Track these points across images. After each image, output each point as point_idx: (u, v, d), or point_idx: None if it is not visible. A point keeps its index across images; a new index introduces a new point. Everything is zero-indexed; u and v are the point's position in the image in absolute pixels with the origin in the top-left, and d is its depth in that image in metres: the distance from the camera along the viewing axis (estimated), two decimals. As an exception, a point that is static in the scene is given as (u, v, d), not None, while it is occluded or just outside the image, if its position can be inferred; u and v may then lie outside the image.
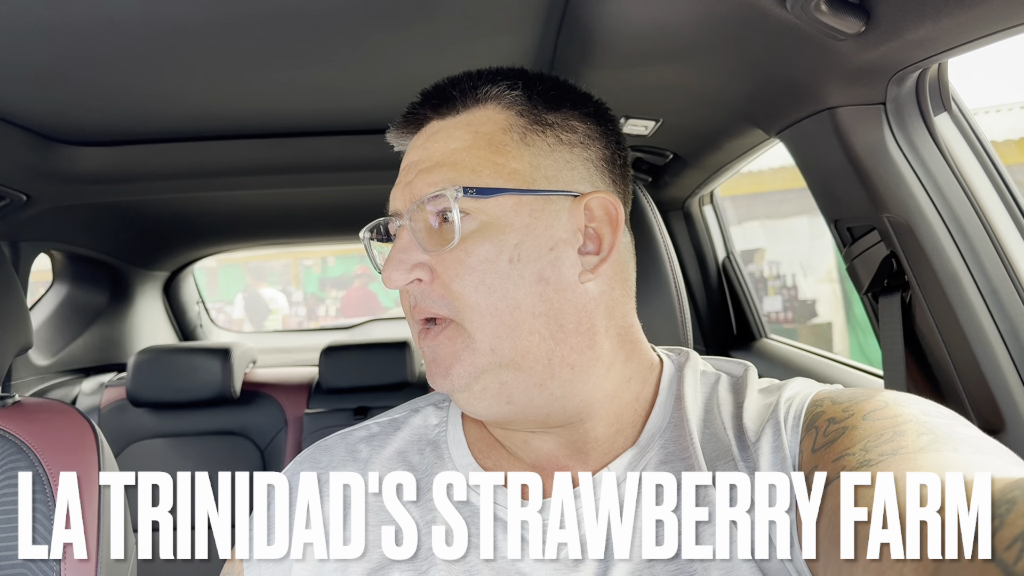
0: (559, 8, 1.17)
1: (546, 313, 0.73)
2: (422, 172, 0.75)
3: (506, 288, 0.72)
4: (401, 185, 0.78)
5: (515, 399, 0.73)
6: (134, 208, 2.42)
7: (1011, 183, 1.16)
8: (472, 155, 0.75)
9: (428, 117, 0.80)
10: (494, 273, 0.72)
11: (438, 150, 0.76)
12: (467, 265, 0.72)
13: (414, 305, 0.75)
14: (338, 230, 3.18)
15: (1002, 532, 0.39)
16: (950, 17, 0.85)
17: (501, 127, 0.76)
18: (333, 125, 1.85)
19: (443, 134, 0.77)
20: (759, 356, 2.28)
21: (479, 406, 0.74)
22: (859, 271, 1.31)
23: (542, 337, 0.73)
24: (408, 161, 0.79)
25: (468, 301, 0.72)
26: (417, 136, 0.80)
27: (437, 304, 0.73)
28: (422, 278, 0.73)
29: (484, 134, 0.76)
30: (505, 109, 0.78)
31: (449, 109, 0.79)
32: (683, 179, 2.15)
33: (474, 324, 0.72)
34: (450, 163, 0.74)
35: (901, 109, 1.13)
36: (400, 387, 2.68)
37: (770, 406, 0.75)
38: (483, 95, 0.78)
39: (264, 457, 2.62)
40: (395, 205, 0.78)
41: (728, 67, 1.26)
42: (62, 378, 2.73)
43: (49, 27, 1.14)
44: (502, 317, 0.72)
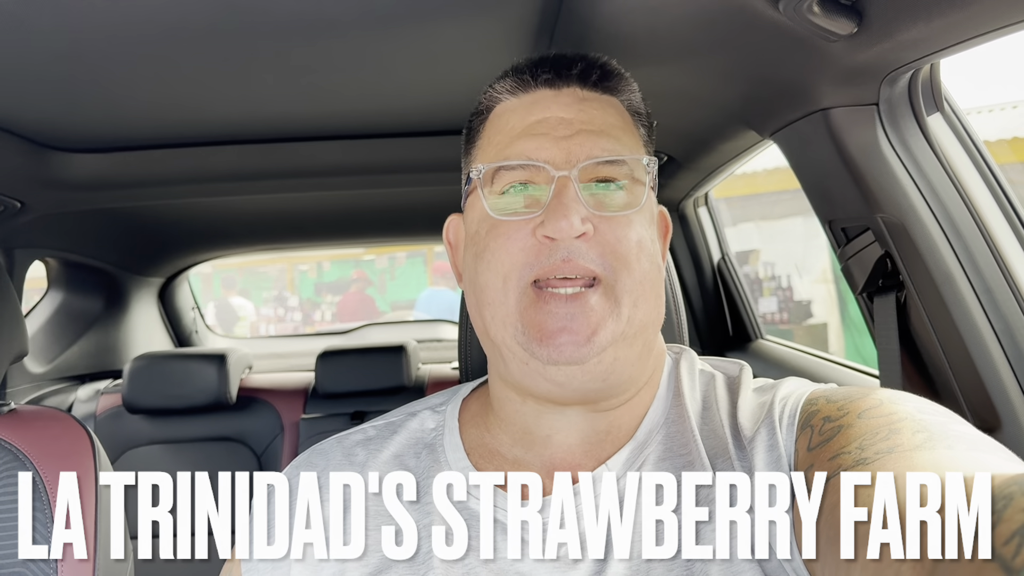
0: (552, 13, 1.17)
1: (658, 295, 0.77)
2: (588, 133, 0.76)
3: (651, 260, 0.76)
4: (551, 138, 0.76)
5: (612, 377, 0.73)
6: (129, 214, 2.41)
7: (1004, 182, 1.16)
8: (627, 135, 0.79)
9: (572, 81, 0.81)
10: (646, 243, 0.76)
11: (598, 117, 0.78)
12: (630, 230, 0.74)
13: (566, 259, 0.72)
14: (334, 235, 3.18)
15: (1000, 528, 0.39)
16: (941, 18, 0.85)
17: (631, 122, 0.82)
18: (327, 130, 1.85)
19: (595, 104, 0.80)
20: (755, 357, 2.28)
21: (580, 379, 0.72)
22: (854, 271, 1.32)
23: (651, 317, 0.76)
24: (551, 115, 0.78)
25: (627, 262, 0.73)
26: (558, 94, 0.80)
27: (595, 261, 0.73)
28: (587, 232, 0.73)
29: (627, 121, 0.81)
30: (628, 110, 0.83)
31: (598, 83, 0.81)
32: (678, 181, 2.15)
33: (624, 287, 0.73)
34: (613, 136, 0.77)
35: (894, 109, 1.13)
36: (397, 391, 2.67)
37: (764, 405, 0.75)
38: (624, 87, 0.83)
39: (261, 463, 2.62)
40: (543, 155, 0.75)
41: (721, 69, 1.26)
42: (58, 385, 2.73)
43: (43, 33, 1.14)
44: (643, 288, 0.74)
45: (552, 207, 0.72)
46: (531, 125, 0.78)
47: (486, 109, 0.84)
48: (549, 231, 0.71)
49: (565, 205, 0.71)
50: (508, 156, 0.77)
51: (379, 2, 1.11)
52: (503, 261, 0.74)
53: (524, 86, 0.81)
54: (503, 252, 0.74)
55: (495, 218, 0.76)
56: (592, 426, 0.78)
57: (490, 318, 0.76)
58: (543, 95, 0.80)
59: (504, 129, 0.80)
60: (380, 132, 1.88)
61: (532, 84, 0.81)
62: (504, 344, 0.75)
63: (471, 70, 1.41)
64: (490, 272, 0.75)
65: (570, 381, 0.72)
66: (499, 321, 0.75)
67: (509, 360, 0.75)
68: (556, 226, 0.71)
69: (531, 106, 0.79)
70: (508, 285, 0.74)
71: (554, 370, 0.71)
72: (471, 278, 0.79)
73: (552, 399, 0.75)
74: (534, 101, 0.80)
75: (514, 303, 0.73)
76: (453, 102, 1.61)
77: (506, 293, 0.74)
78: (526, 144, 0.76)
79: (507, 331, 0.74)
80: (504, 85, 0.82)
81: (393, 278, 11.57)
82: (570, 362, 0.71)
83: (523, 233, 0.74)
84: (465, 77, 1.44)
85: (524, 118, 0.79)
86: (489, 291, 0.75)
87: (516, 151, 0.76)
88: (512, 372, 0.75)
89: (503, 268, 0.74)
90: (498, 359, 0.78)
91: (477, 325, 0.80)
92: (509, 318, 0.74)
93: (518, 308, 0.73)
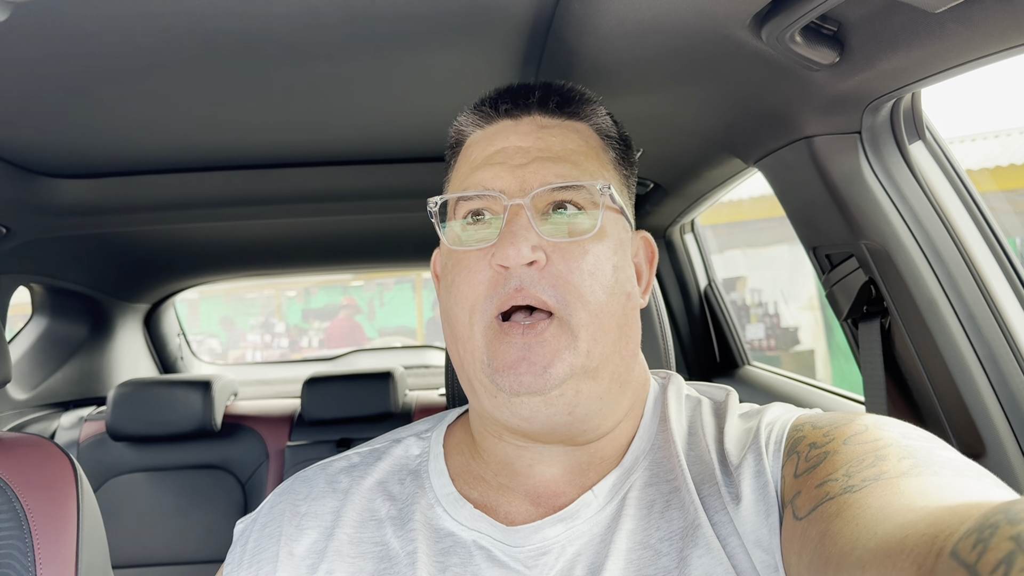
0: (539, 43, 1.19)
1: (621, 326, 0.76)
2: (543, 160, 0.76)
3: (609, 291, 0.74)
4: (507, 166, 0.77)
5: (578, 410, 0.73)
6: (115, 240, 2.41)
7: (985, 209, 1.17)
8: (589, 161, 0.79)
9: (532, 109, 0.81)
10: (603, 273, 0.74)
11: (556, 144, 0.78)
12: (584, 260, 0.74)
13: (519, 288, 0.72)
14: (322, 261, 3.17)
15: (986, 557, 0.39)
16: (921, 48, 0.87)
17: (601, 146, 0.82)
18: (313, 156, 1.85)
19: (555, 131, 0.80)
20: (742, 383, 2.29)
21: (544, 412, 0.71)
22: (838, 298, 1.33)
23: (616, 348, 0.75)
24: (510, 144, 0.79)
25: (581, 294, 0.72)
26: (518, 123, 0.81)
27: (547, 292, 0.72)
28: (538, 260, 0.73)
29: (593, 147, 0.81)
30: (597, 133, 0.83)
31: (559, 110, 0.81)
32: (664, 208, 2.16)
33: (579, 321, 0.72)
34: (571, 161, 0.77)
35: (876, 138, 1.15)
36: (383, 418, 2.66)
37: (751, 431, 0.75)
38: (589, 111, 0.83)
39: (245, 491, 2.59)
40: (498, 184, 0.76)
41: (706, 97, 1.28)
42: (41, 412, 2.70)
43: (29, 60, 1.14)
44: (601, 320, 0.73)
45: (503, 235, 0.72)
46: (490, 155, 0.79)
47: (456, 142, 0.86)
48: (499, 259, 0.72)
49: (514, 232, 0.72)
50: (467, 187, 0.78)
51: (366, 30, 1.12)
52: (466, 294, 0.75)
53: (487, 118, 0.82)
54: (466, 285, 0.75)
55: (455, 250, 0.77)
56: (573, 458, 0.77)
57: (462, 352, 0.76)
58: (504, 126, 0.81)
59: (468, 160, 0.81)
60: (367, 159, 1.89)
61: (494, 115, 0.82)
62: (475, 377, 0.75)
63: (458, 98, 1.42)
64: (457, 307, 0.76)
65: (535, 415, 0.71)
66: (469, 354, 0.75)
67: (480, 393, 0.75)
68: (504, 253, 0.71)
69: (492, 137, 0.81)
70: (474, 319, 0.74)
71: (517, 402, 0.71)
72: (445, 311, 0.80)
73: (524, 434, 0.75)
74: (496, 132, 0.81)
75: (480, 336, 0.74)
76: (440, 129, 1.61)
77: (472, 327, 0.74)
78: (483, 174, 0.77)
79: (476, 364, 0.74)
80: (470, 118, 0.84)
81: (382, 304, 11.55)
82: (530, 392, 0.70)
83: (482, 264, 0.74)
84: (452, 105, 1.45)
85: (485, 149, 0.80)
86: (459, 326, 0.76)
87: (473, 182, 0.77)
88: (484, 405, 0.75)
89: (467, 302, 0.75)
90: (472, 392, 0.78)
91: (453, 358, 0.80)
92: (477, 351, 0.74)
93: (484, 340, 0.73)
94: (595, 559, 0.71)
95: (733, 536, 0.68)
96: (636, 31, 1.04)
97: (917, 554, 0.46)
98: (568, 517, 0.73)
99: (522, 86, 0.83)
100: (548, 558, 0.71)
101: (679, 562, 0.68)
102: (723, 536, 0.69)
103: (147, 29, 1.06)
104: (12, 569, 1.06)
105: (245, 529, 0.82)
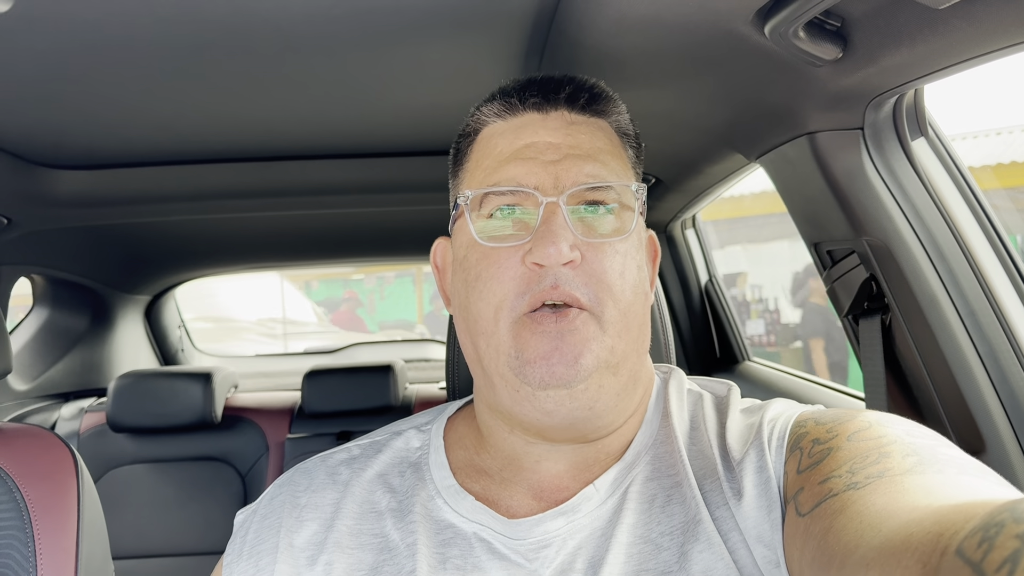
0: (542, 34, 1.18)
1: (641, 324, 0.77)
2: (575, 158, 0.76)
3: (634, 290, 0.75)
4: (540, 162, 0.76)
5: (598, 405, 0.73)
6: (117, 232, 2.41)
7: (987, 206, 1.17)
8: (615, 160, 0.79)
9: (560, 104, 0.80)
10: (630, 273, 0.75)
11: (585, 142, 0.78)
12: (615, 259, 0.74)
13: (554, 285, 0.71)
14: (322, 254, 3.17)
15: (992, 555, 0.39)
16: (924, 44, 0.87)
17: (621, 145, 0.82)
18: (316, 149, 1.85)
19: (583, 128, 0.79)
20: (742, 379, 2.29)
21: (568, 406, 0.71)
22: (839, 294, 1.33)
23: (634, 347, 0.76)
24: (539, 139, 0.78)
25: (613, 292, 0.73)
26: (546, 118, 0.80)
27: (580, 289, 0.72)
28: (575, 259, 0.73)
29: (615, 146, 0.81)
30: (617, 132, 0.83)
31: (587, 106, 0.81)
32: (665, 203, 2.16)
33: (609, 317, 0.72)
34: (600, 160, 0.77)
35: (879, 134, 1.15)
36: (384, 411, 2.66)
37: (753, 426, 0.75)
38: (612, 110, 0.82)
39: (245, 483, 2.59)
40: (532, 180, 0.75)
41: (708, 92, 1.27)
42: (41, 403, 2.70)
43: (32, 51, 1.14)
44: (628, 318, 0.74)
45: (540, 234, 0.72)
46: (519, 149, 0.77)
47: (473, 131, 0.84)
48: (538, 258, 0.71)
49: (554, 232, 0.71)
50: (497, 181, 0.76)
51: (368, 23, 1.12)
52: (495, 291, 0.74)
53: (512, 109, 0.81)
54: (495, 282, 0.74)
55: (484, 245, 0.75)
56: (581, 455, 0.78)
57: (484, 347, 0.75)
58: (531, 119, 0.80)
59: (492, 153, 0.79)
60: (370, 151, 1.89)
61: (520, 107, 0.80)
62: (496, 372, 0.74)
63: (462, 90, 1.42)
64: (482, 302, 0.74)
65: (558, 408, 0.71)
66: (492, 350, 0.74)
67: (500, 388, 0.74)
68: (544, 252, 0.71)
69: (519, 130, 0.79)
70: (500, 315, 0.73)
71: (543, 396, 0.71)
72: (462, 305, 0.78)
73: (540, 429, 0.75)
74: (522, 125, 0.79)
75: (506, 331, 0.73)
76: (443, 122, 1.61)
77: (498, 323, 0.73)
78: (515, 169, 0.76)
79: (500, 359, 0.73)
80: (492, 108, 0.82)
81: (382, 298, 11.56)
82: (559, 384, 0.70)
83: (513, 261, 0.73)
84: (456, 97, 1.45)
85: (512, 142, 0.78)
86: (482, 321, 0.75)
87: (505, 176, 0.76)
88: (502, 401, 0.75)
89: (495, 298, 0.73)
90: (488, 388, 0.77)
91: (468, 353, 0.79)
92: (502, 346, 0.73)
93: (511, 334, 0.73)
94: (596, 553, 0.71)
95: (734, 531, 0.69)
96: (639, 26, 1.04)
97: (922, 552, 0.46)
98: (569, 510, 0.74)
99: (549, 79, 0.81)
100: (549, 551, 0.71)
101: (680, 556, 0.68)
102: (724, 531, 0.69)
103: (148, 21, 1.06)
104: (12, 559, 1.06)
105: (245, 520, 0.82)
